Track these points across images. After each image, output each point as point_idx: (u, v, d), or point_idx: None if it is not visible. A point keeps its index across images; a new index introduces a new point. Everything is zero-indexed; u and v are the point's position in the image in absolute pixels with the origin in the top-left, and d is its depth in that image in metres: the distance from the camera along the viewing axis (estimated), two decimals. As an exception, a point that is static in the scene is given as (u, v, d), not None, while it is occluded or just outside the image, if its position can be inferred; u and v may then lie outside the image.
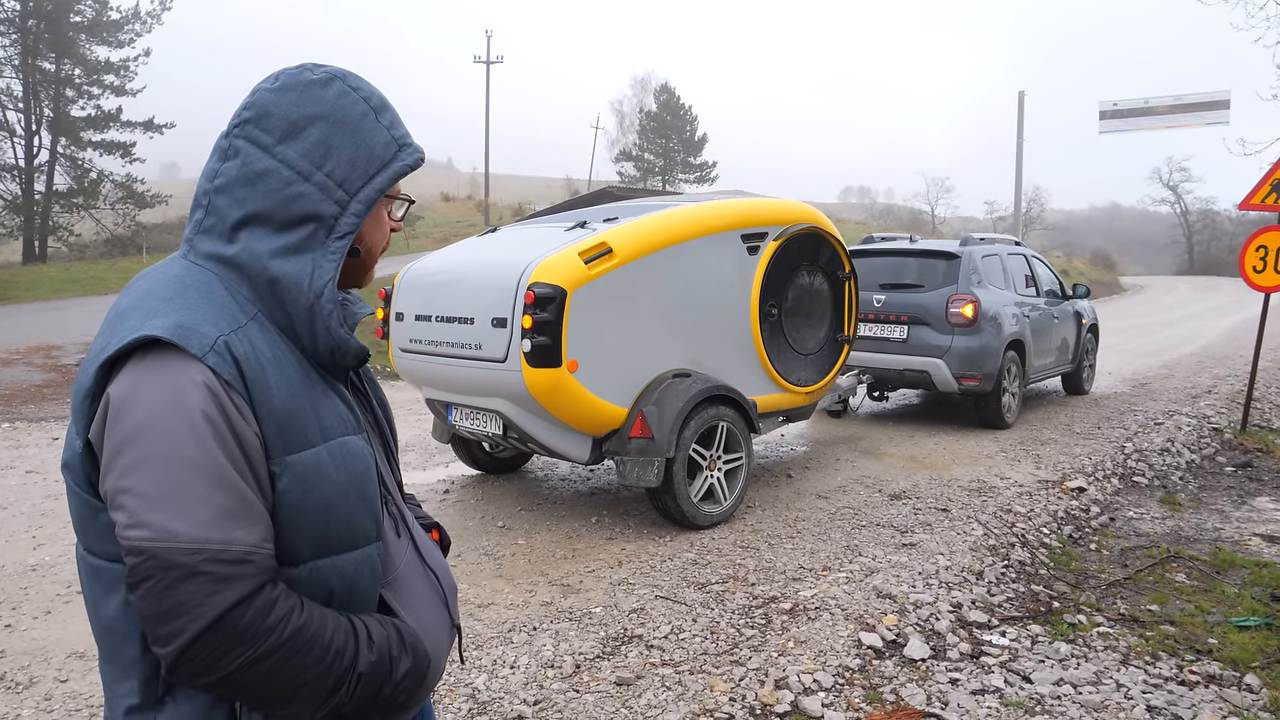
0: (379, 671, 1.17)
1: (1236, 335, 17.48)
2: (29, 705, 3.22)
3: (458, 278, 5.30)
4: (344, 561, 1.18)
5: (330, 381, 1.23)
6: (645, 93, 63.24)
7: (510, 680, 3.41)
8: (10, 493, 6.00)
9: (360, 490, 1.19)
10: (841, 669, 3.53)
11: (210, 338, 1.08)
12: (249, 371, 1.09)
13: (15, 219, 31.37)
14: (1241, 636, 3.92)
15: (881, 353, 8.42)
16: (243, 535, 1.05)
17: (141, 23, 32.86)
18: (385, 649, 1.18)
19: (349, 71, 1.27)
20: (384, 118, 1.25)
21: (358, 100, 1.23)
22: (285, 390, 1.12)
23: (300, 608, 1.10)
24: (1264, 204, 8.04)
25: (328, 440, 1.16)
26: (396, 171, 1.25)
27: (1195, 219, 69.82)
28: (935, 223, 70.88)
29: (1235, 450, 7.83)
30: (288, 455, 1.11)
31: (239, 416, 1.07)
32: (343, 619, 1.16)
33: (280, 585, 1.10)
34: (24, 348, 12.71)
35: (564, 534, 5.24)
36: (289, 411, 1.12)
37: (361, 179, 1.22)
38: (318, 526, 1.14)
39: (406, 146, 1.27)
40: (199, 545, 1.02)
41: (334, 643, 1.12)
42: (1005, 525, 5.40)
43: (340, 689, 1.13)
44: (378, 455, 1.31)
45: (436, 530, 1.54)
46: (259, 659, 1.05)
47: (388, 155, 1.24)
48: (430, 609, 1.32)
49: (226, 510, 1.04)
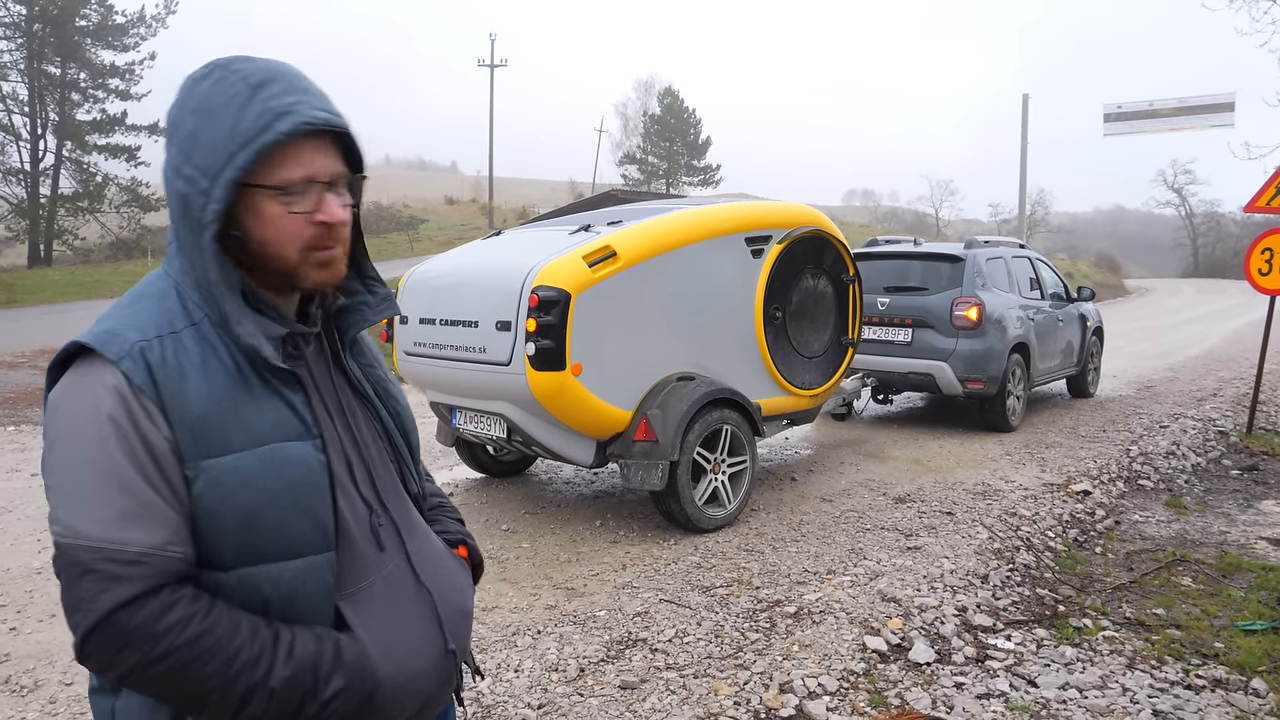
0: (296, 688, 1.11)
1: (1242, 338, 17.42)
2: (34, 709, 3.23)
3: (462, 281, 5.31)
4: (280, 570, 1.14)
5: (277, 386, 1.18)
6: (649, 96, 63.43)
7: (514, 684, 3.41)
8: (15, 495, 6.02)
9: (296, 498, 1.15)
10: (846, 673, 3.52)
11: (128, 343, 1.10)
12: (162, 376, 1.10)
13: (21, 223, 31.46)
14: (1248, 640, 3.90)
15: (886, 356, 8.41)
16: (140, 537, 1.06)
17: (147, 26, 32.97)
18: (309, 665, 1.12)
19: (239, 57, 1.18)
20: (265, 92, 1.14)
21: (234, 83, 1.14)
22: (204, 395, 1.11)
23: (205, 615, 1.08)
24: (1269, 207, 8.01)
25: (256, 446, 1.13)
26: (262, 144, 1.11)
27: (1200, 221, 69.71)
28: (940, 226, 70.86)
29: (1241, 453, 7.81)
30: (203, 460, 1.10)
31: (146, 420, 1.08)
32: (264, 630, 1.12)
33: (185, 590, 1.09)
34: (29, 351, 12.75)
35: (568, 537, 5.24)
36: (205, 416, 1.11)
37: (222, 160, 1.12)
38: (241, 533, 1.12)
39: (285, 115, 1.12)
40: (97, 544, 1.05)
41: (242, 653, 1.09)
42: (1010, 529, 5.39)
43: (250, 702, 1.10)
44: (352, 462, 1.26)
45: (464, 546, 1.48)
46: (153, 662, 1.06)
47: (255, 130, 1.11)
48: (410, 629, 1.25)
49: (124, 512, 1.06)
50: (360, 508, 1.25)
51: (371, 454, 1.31)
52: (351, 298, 1.35)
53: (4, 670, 3.52)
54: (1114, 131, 29.07)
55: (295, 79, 1.18)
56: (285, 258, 1.18)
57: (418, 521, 1.37)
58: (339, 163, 1.20)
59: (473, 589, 1.44)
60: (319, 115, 1.15)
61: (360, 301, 1.35)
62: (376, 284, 1.37)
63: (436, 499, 1.56)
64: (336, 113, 1.19)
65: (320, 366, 1.29)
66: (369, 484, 1.28)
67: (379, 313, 1.35)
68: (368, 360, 1.39)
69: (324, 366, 1.30)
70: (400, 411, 1.39)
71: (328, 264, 1.21)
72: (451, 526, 1.50)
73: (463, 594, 1.38)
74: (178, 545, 1.09)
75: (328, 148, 1.19)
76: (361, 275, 1.36)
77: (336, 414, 1.28)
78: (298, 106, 1.14)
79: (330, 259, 1.21)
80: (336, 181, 1.20)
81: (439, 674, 1.27)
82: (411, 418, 1.44)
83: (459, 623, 1.33)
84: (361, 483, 1.27)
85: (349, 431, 1.28)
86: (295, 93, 1.15)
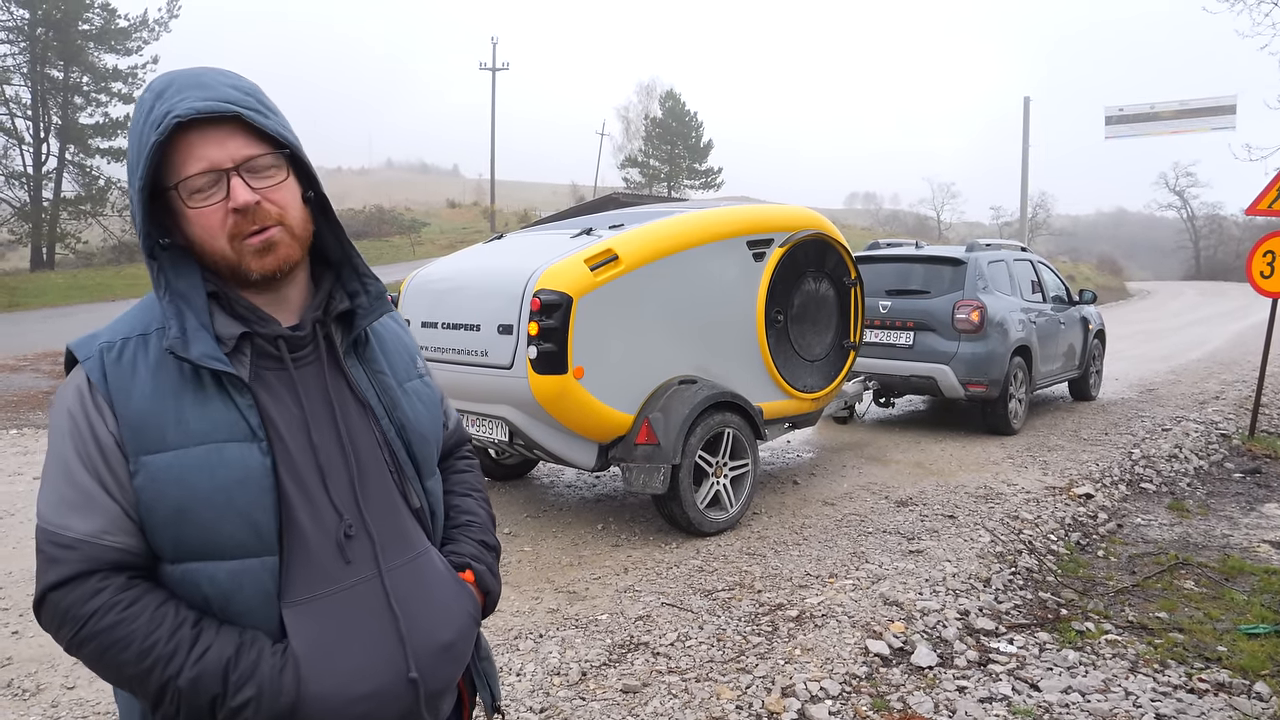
0: (203, 691, 1.11)
1: (1244, 341, 17.41)
2: (35, 712, 3.23)
3: (464, 284, 5.31)
4: (216, 570, 1.15)
5: (227, 388, 1.18)
6: (651, 99, 63.35)
7: (516, 688, 3.41)
8: (18, 499, 6.02)
9: (229, 499, 1.14)
10: (848, 677, 3.52)
11: (95, 346, 1.20)
12: (114, 375, 1.17)
13: (23, 226, 31.49)
14: (1251, 644, 3.89)
15: (888, 359, 8.41)
16: (76, 524, 1.14)
17: (150, 30, 33.04)
18: (217, 670, 1.11)
19: (164, 73, 1.23)
20: (161, 98, 1.17)
21: (146, 97, 1.19)
22: (148, 394, 1.16)
23: (127, 605, 1.12)
24: (1271, 209, 8.01)
25: (194, 445, 1.15)
26: (151, 148, 1.14)
27: (1202, 224, 69.69)
28: (941, 229, 70.81)
29: (1243, 456, 7.80)
30: (143, 455, 1.15)
31: (97, 415, 1.16)
32: (186, 629, 1.13)
33: (116, 579, 1.14)
34: (31, 354, 12.76)
35: (570, 541, 5.23)
36: (146, 414, 1.15)
37: (134, 173, 1.17)
38: (173, 529, 1.15)
39: (167, 115, 1.14)
40: (46, 527, 1.16)
41: (156, 648, 1.11)
42: (1012, 532, 5.38)
43: (164, 698, 1.12)
44: (326, 469, 1.22)
45: (469, 571, 1.40)
46: (80, 643, 1.13)
47: (148, 137, 1.15)
48: (360, 650, 1.19)
49: (66, 499, 1.15)
50: (328, 517, 1.21)
51: (361, 462, 1.26)
52: (356, 299, 1.34)
53: (6, 674, 3.53)
54: (1115, 134, 29.10)
55: (192, 77, 1.19)
56: (219, 250, 1.20)
57: (411, 538, 1.31)
58: (250, 145, 1.19)
59: (471, 618, 1.35)
60: (195, 106, 1.14)
61: (359, 303, 1.34)
62: (370, 281, 1.36)
63: (468, 516, 1.49)
64: (227, 100, 1.17)
65: (313, 369, 1.27)
66: (348, 493, 1.24)
67: (373, 312, 1.34)
68: (376, 366, 1.35)
69: (319, 369, 1.28)
70: (406, 422, 1.34)
71: (266, 248, 1.20)
72: (466, 549, 1.42)
73: (448, 623, 1.30)
74: (113, 535, 1.14)
75: (231, 135, 1.18)
76: (358, 274, 1.36)
77: (323, 419, 1.25)
78: (179, 104, 1.15)
79: (266, 243, 1.20)
80: (249, 164, 1.19)
81: (393, 702, 1.20)
82: (426, 429, 1.38)
83: (433, 653, 1.26)
84: (336, 491, 1.23)
85: (334, 438, 1.25)
86: (184, 91, 1.16)
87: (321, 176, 1.31)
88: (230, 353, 1.20)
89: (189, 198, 1.18)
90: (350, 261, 1.36)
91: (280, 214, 1.21)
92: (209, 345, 1.17)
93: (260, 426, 1.18)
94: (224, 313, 1.23)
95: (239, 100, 1.19)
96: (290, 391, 1.24)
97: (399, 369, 1.39)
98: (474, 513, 1.50)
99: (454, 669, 1.31)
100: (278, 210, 1.21)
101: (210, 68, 1.24)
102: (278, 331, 1.25)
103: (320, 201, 1.31)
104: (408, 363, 1.43)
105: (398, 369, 1.39)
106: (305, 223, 1.27)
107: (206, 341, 1.18)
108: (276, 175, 1.22)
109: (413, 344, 1.50)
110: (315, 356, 1.29)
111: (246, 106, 1.19)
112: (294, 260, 1.25)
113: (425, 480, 1.37)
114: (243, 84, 1.24)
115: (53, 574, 1.14)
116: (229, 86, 1.20)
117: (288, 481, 1.19)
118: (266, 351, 1.24)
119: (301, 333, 1.27)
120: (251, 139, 1.20)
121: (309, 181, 1.28)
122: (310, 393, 1.25)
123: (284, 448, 1.20)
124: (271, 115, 1.23)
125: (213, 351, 1.17)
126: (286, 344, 1.25)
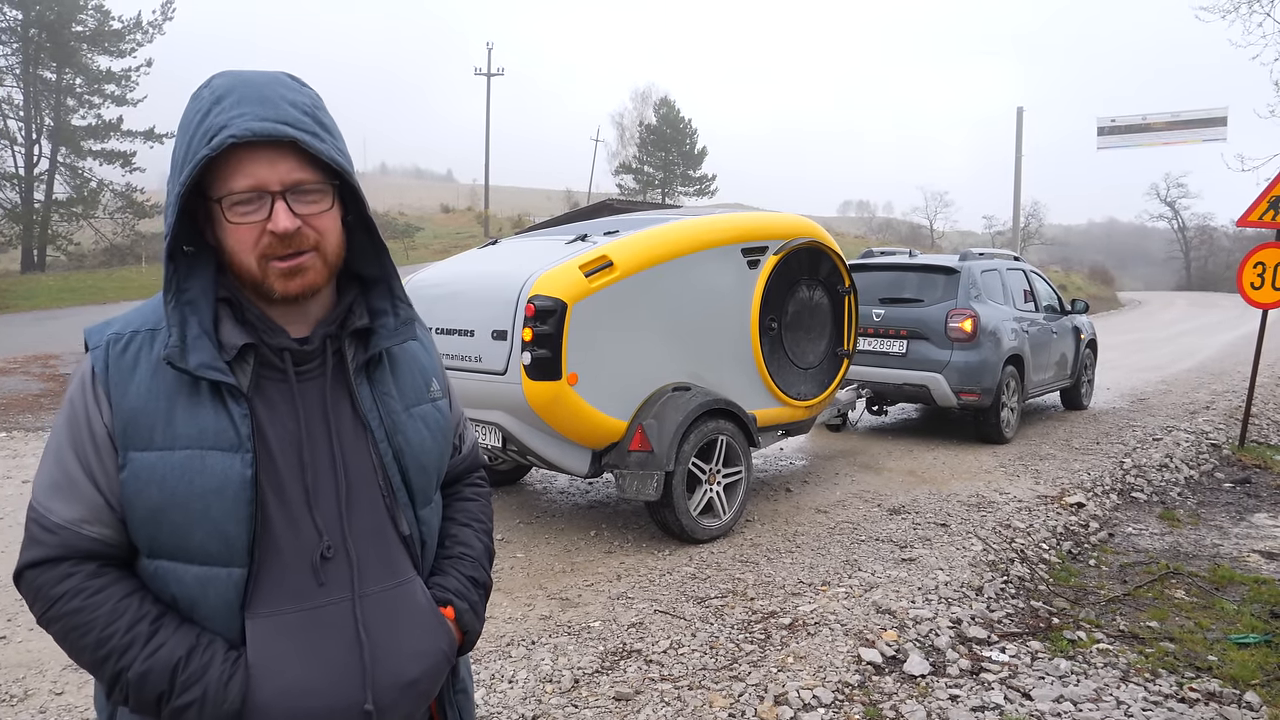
0: (149, 687, 1.13)
1: (1234, 351, 17.51)
2: (24, 718, 3.21)
3: (458, 290, 5.31)
4: (183, 572, 1.17)
5: (223, 395, 1.18)
6: (645, 106, 63.51)
7: (508, 695, 3.39)
8: (6, 502, 5.98)
9: (204, 506, 1.14)
10: (841, 685, 3.52)
11: (106, 335, 1.22)
12: (116, 367, 1.18)
13: (14, 227, 31.37)
14: (1241, 653, 3.91)
15: (881, 367, 8.43)
16: (59, 508, 1.18)
17: (143, 33, 33.01)
18: (166, 669, 1.13)
19: (225, 71, 1.21)
20: (218, 106, 1.15)
21: (204, 98, 1.17)
22: (144, 391, 1.17)
23: (91, 594, 1.16)
24: (1262, 221, 8.06)
25: (178, 448, 1.15)
26: (198, 159, 1.13)
27: (1193, 235, 70.14)
28: (934, 237, 71.06)
29: (1234, 466, 7.83)
30: (131, 451, 1.16)
31: (94, 405, 1.18)
32: (145, 624, 1.15)
33: (86, 566, 1.17)
34: (22, 357, 12.69)
35: (563, 547, 5.22)
36: (137, 412, 1.17)
37: (178, 176, 1.16)
38: (149, 527, 1.17)
39: (222, 129, 1.12)
40: (35, 505, 1.19)
41: (113, 639, 1.14)
42: (1004, 541, 5.39)
43: (115, 687, 1.16)
44: (313, 487, 1.21)
45: (450, 608, 1.35)
46: (49, 621, 1.18)
47: (199, 146, 1.14)
48: (316, 671, 1.17)
49: (54, 482, 1.19)
50: (308, 535, 1.20)
51: (352, 483, 1.24)
52: (378, 319, 1.32)
53: (-6, 679, 3.50)
54: (1108, 145, 29.32)
55: (254, 89, 1.17)
56: (246, 266, 1.19)
57: (395, 566, 1.28)
58: (300, 169, 1.17)
59: (444, 656, 1.31)
60: (252, 127, 1.12)
61: (383, 324, 1.32)
62: (403, 306, 1.34)
63: (461, 548, 1.44)
64: (285, 121, 1.15)
65: (316, 384, 1.25)
66: (333, 514, 1.22)
67: (396, 336, 1.32)
68: (383, 388, 1.32)
69: (322, 384, 1.26)
70: (405, 447, 1.30)
71: (293, 273, 1.19)
72: (451, 583, 1.37)
73: (416, 658, 1.26)
74: (93, 524, 1.17)
75: (284, 156, 1.16)
76: (392, 295, 1.34)
77: (318, 436, 1.23)
78: (236, 120, 1.13)
79: (294, 268, 1.19)
80: (296, 189, 1.17)
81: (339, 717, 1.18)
82: (426, 457, 1.34)
83: (396, 687, 1.23)
84: (321, 510, 1.21)
85: (327, 456, 1.23)
86: (243, 105, 1.14)
87: None
88: (233, 360, 1.19)
89: (229, 210, 1.17)
90: (388, 282, 1.34)
91: (318, 239, 1.21)
92: (208, 354, 1.17)
93: (249, 437, 1.17)
94: (232, 319, 1.22)
95: (297, 121, 1.16)
96: (289, 405, 1.22)
97: (408, 392, 1.35)
98: (469, 545, 1.45)
99: (415, 705, 1.28)
100: (316, 236, 1.20)
101: (275, 75, 1.22)
102: (283, 343, 1.23)
103: (365, 222, 1.31)
104: (420, 386, 1.38)
105: (406, 392, 1.35)
106: (339, 248, 1.26)
107: (206, 350, 1.17)
108: (322, 202, 1.20)
109: (433, 366, 1.44)
110: (321, 371, 1.27)
111: (304, 129, 1.16)
112: (319, 286, 1.24)
113: (419, 508, 1.34)
114: (304, 99, 1.21)
115: (31, 553, 1.18)
116: (289, 104, 1.17)
117: (270, 495, 1.18)
118: (270, 362, 1.23)
119: (309, 346, 1.25)
120: (303, 163, 1.18)
121: (354, 202, 1.28)
122: (309, 408, 1.24)
123: (271, 461, 1.19)
124: (327, 137, 1.20)
125: (211, 361, 1.17)
126: (292, 356, 1.24)
